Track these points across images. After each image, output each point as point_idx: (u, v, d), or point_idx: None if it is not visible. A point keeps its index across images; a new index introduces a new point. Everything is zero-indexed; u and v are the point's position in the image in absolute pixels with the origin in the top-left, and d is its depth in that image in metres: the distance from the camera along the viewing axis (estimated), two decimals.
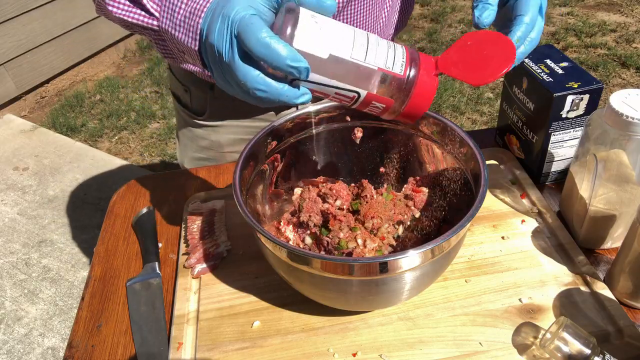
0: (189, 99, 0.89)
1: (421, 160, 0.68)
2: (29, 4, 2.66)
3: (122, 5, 0.55)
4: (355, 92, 0.46)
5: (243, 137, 0.90)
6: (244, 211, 0.53)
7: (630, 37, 2.89)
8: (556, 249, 0.66)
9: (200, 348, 0.59)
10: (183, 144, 0.97)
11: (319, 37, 0.43)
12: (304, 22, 0.43)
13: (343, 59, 0.44)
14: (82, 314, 0.66)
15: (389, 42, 0.47)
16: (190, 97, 0.89)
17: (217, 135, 0.91)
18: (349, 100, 0.47)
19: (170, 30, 0.52)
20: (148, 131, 2.55)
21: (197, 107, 0.89)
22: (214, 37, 0.45)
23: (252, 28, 0.42)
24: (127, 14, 0.55)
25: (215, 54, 0.45)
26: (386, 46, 0.46)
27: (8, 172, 2.31)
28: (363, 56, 0.45)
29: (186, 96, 0.90)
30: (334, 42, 0.44)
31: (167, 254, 0.73)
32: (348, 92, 0.46)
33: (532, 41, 0.54)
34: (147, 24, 0.54)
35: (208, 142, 0.92)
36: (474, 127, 2.36)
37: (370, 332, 0.59)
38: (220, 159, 0.94)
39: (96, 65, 3.15)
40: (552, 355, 0.52)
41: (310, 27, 0.43)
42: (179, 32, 0.51)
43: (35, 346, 1.59)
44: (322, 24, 0.44)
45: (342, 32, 0.45)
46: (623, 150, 0.56)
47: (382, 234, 0.61)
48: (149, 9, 0.53)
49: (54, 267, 1.85)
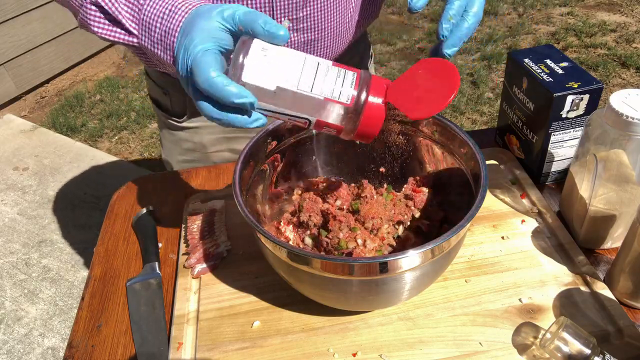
0: (168, 102, 0.90)
1: (421, 160, 0.68)
2: (29, 4, 2.66)
3: (105, 25, 0.58)
4: (306, 118, 0.49)
5: (225, 136, 0.91)
6: (244, 211, 0.53)
7: (630, 37, 2.89)
8: (556, 249, 0.66)
9: (200, 348, 0.59)
10: (167, 149, 0.98)
11: (267, 70, 0.46)
12: (253, 55, 0.46)
13: (290, 90, 0.47)
14: (82, 314, 0.66)
15: (340, 70, 0.49)
16: (170, 100, 0.90)
17: (199, 136, 0.91)
18: (303, 124, 0.50)
19: (149, 47, 0.55)
20: (148, 131, 2.55)
21: (177, 109, 0.90)
22: (178, 66, 0.49)
23: (203, 66, 0.46)
24: (109, 34, 0.58)
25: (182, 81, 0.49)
26: (335, 75, 0.48)
27: (8, 172, 2.31)
28: (309, 87, 0.47)
29: (166, 99, 0.91)
30: (281, 74, 0.47)
31: (167, 254, 0.73)
32: (299, 119, 0.49)
33: (476, 14, 0.55)
34: (128, 41, 0.58)
35: (191, 144, 0.93)
36: (474, 127, 2.36)
37: (370, 332, 0.59)
38: (206, 160, 0.94)
39: (96, 65, 3.15)
40: (552, 355, 0.52)
41: (259, 60, 0.46)
42: (157, 49, 0.54)
43: (35, 346, 1.59)
44: (271, 57, 0.47)
45: (290, 63, 0.47)
46: (623, 150, 0.56)
47: (382, 234, 0.61)
48: (128, 28, 0.56)
49: (54, 267, 1.85)
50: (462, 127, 0.61)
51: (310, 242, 0.63)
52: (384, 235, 0.61)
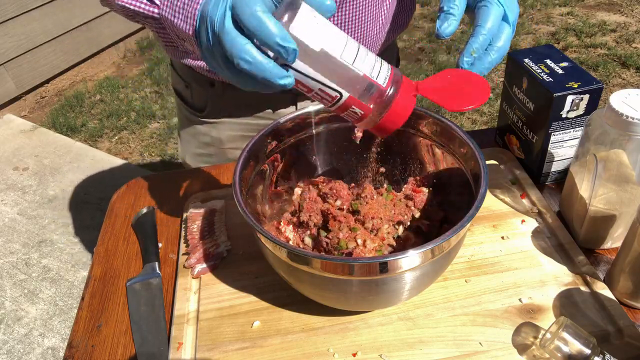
0: (190, 95, 0.90)
1: (421, 160, 0.68)
2: (29, 4, 2.66)
3: None
4: (339, 92, 0.48)
5: (243, 134, 0.91)
6: (244, 211, 0.53)
7: (630, 37, 2.89)
8: (556, 249, 0.66)
9: (200, 348, 0.59)
10: (185, 141, 0.98)
11: (315, 30, 0.45)
12: (303, 13, 0.44)
13: (333, 57, 0.46)
14: (82, 314, 0.66)
15: (378, 57, 0.49)
16: (192, 93, 0.90)
17: (218, 131, 0.91)
18: (330, 100, 0.49)
19: (170, 17, 0.53)
20: (148, 131, 2.55)
21: (198, 103, 0.90)
22: (209, 8, 0.45)
23: (248, 1, 0.42)
24: (131, 2, 0.57)
25: (207, 25, 0.45)
26: (374, 58, 0.48)
27: (8, 172, 2.31)
28: (352, 59, 0.47)
29: (187, 92, 0.90)
30: (328, 39, 0.45)
31: (167, 254, 0.73)
32: (331, 91, 0.48)
33: (500, 49, 0.55)
34: (149, 12, 0.56)
35: (209, 138, 0.93)
36: (474, 127, 2.36)
37: (370, 332, 0.59)
38: (221, 155, 0.94)
39: (96, 65, 3.15)
40: (552, 355, 0.52)
41: (309, 19, 0.45)
42: (177, 19, 0.52)
43: (35, 346, 1.59)
44: (320, 21, 0.45)
45: (337, 33, 0.47)
46: (623, 150, 0.56)
47: (382, 234, 0.61)
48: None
49: (54, 267, 1.85)
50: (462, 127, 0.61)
51: (310, 242, 0.63)
52: (384, 235, 0.61)
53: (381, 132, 0.52)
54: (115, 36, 3.18)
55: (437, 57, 2.89)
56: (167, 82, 2.87)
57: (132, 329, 0.63)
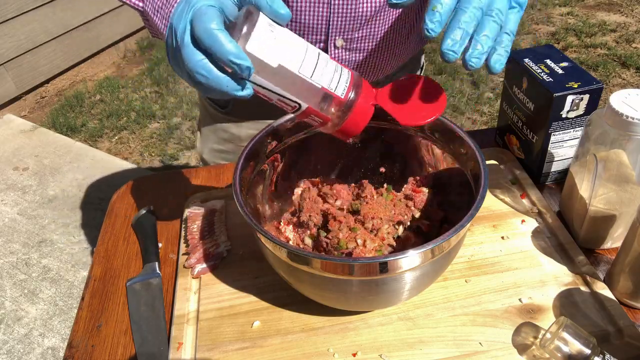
0: None
1: (421, 160, 0.68)
2: (29, 4, 2.66)
3: None
4: (297, 103, 0.49)
5: None
6: (244, 211, 0.53)
7: (630, 37, 2.89)
8: (556, 249, 0.66)
9: (200, 348, 0.59)
10: (204, 135, 0.99)
11: (272, 45, 0.46)
12: (260, 28, 0.45)
13: (291, 72, 0.47)
14: (82, 314, 0.66)
15: (337, 65, 0.50)
16: None
17: (238, 129, 0.93)
18: (290, 109, 0.50)
19: (151, 14, 0.55)
20: (148, 131, 2.55)
21: (221, 100, 0.91)
22: (174, 19, 0.47)
23: (205, 18, 0.44)
24: None
25: (172, 34, 0.47)
26: (334, 68, 0.49)
27: (8, 172, 2.31)
28: (310, 73, 0.47)
29: None
30: (286, 54, 0.46)
31: (167, 254, 0.73)
32: (290, 102, 0.49)
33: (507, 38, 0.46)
34: (134, 4, 0.58)
35: (229, 134, 0.94)
36: (474, 127, 2.36)
37: (370, 332, 0.59)
38: (238, 152, 0.95)
39: (96, 65, 3.15)
40: (552, 355, 0.52)
41: (266, 34, 0.45)
42: (156, 18, 0.54)
43: (35, 346, 1.59)
44: (277, 34, 0.46)
45: (296, 45, 0.47)
46: (623, 150, 0.56)
47: (382, 234, 0.61)
48: None
49: (54, 267, 1.85)
50: (462, 127, 0.61)
51: (310, 242, 0.63)
52: (384, 236, 0.61)
53: (343, 136, 0.53)
54: (115, 36, 3.18)
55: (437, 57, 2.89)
56: (167, 82, 2.87)
57: (132, 329, 0.63)
